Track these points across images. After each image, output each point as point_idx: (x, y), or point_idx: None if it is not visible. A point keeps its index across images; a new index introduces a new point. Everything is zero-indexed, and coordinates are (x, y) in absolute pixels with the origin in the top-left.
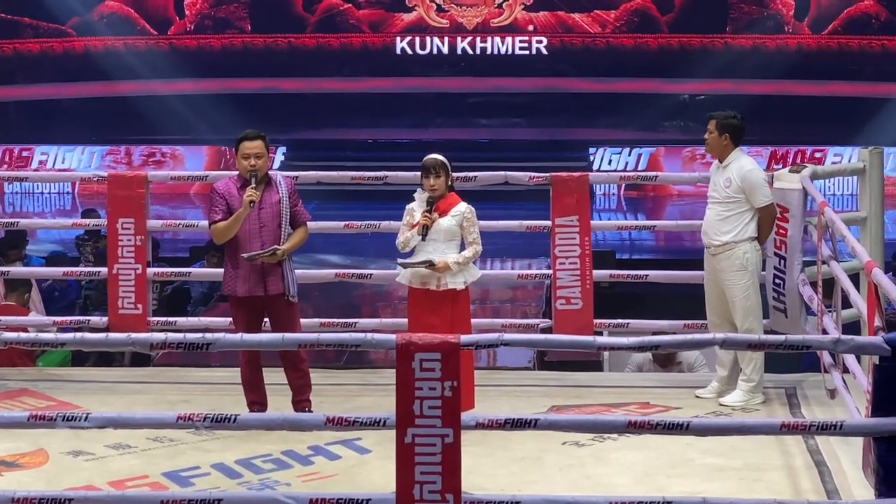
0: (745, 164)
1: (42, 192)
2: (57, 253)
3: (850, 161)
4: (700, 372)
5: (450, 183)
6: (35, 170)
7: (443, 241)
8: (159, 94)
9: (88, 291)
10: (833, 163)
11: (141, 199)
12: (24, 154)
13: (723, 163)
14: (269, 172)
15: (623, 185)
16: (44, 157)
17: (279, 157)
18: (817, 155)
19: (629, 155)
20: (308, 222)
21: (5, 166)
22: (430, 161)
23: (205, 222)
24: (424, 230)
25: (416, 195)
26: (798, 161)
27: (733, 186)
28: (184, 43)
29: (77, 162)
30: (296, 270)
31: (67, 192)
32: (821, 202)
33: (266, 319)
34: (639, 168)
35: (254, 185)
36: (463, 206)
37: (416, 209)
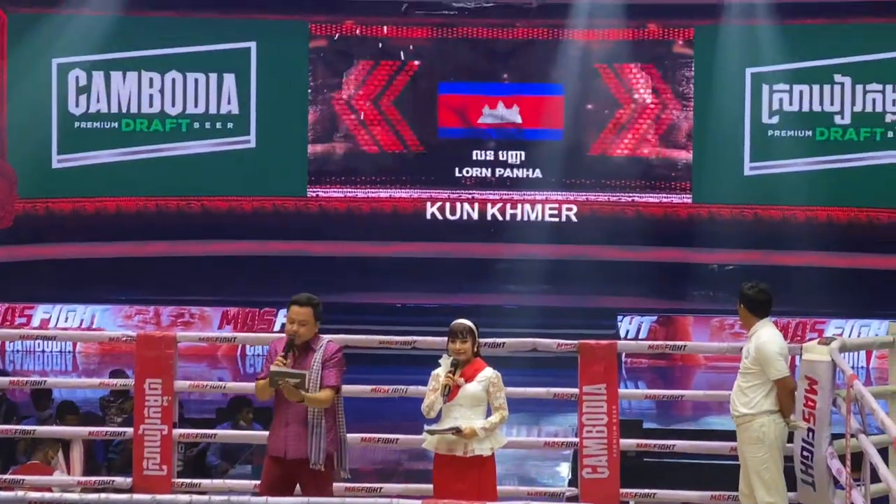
0: (762, 335)
1: (43, 351)
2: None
3: (852, 335)
4: None
5: (476, 349)
6: (36, 328)
7: (469, 406)
8: (190, 254)
9: (113, 455)
10: (835, 335)
11: (169, 360)
12: (28, 312)
13: (749, 333)
14: (320, 336)
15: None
16: (46, 316)
17: None
18: (818, 327)
19: (630, 323)
20: (331, 387)
21: (7, 324)
22: (458, 325)
23: (232, 383)
24: (446, 390)
25: (441, 360)
26: (804, 333)
27: (751, 358)
28: (215, 205)
29: (78, 321)
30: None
31: (69, 352)
32: (850, 375)
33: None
34: (639, 337)
35: (283, 353)
36: (489, 372)
37: (441, 374)
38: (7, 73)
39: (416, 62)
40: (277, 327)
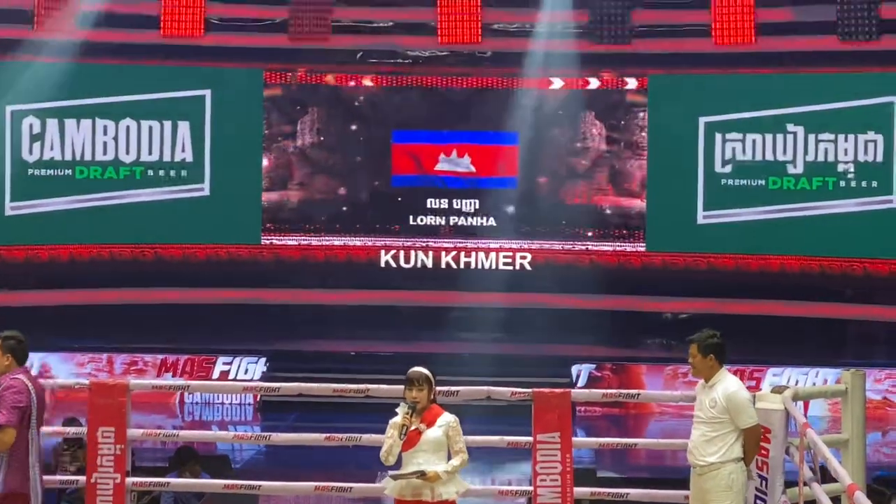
0: (729, 385)
1: None
2: None
3: (789, 383)
4: None
5: (433, 396)
6: None
7: (432, 451)
8: (143, 302)
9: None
10: (773, 383)
11: (122, 408)
12: None
13: (709, 383)
14: (9, 374)
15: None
16: None
17: (260, 367)
18: (756, 375)
19: (582, 372)
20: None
21: None
22: (415, 374)
23: (185, 432)
24: (404, 430)
25: (398, 409)
26: (742, 381)
27: (718, 407)
28: (169, 253)
29: None
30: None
31: None
32: (803, 423)
33: None
34: (578, 385)
35: None
36: (448, 417)
37: (399, 422)
38: None
39: (371, 110)
40: (217, 374)
